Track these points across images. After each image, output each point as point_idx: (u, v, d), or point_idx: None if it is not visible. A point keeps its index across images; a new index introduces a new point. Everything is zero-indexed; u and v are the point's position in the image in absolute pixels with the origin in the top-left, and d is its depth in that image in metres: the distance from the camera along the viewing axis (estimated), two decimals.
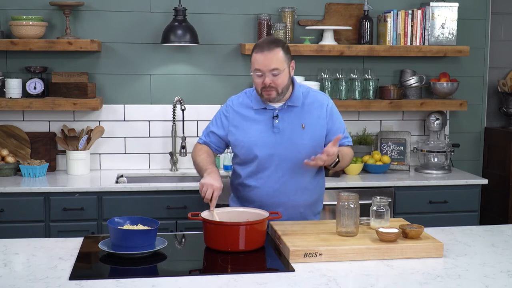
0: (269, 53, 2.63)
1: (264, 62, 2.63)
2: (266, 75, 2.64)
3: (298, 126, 2.76)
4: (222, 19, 4.21)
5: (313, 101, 2.81)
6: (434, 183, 4.00)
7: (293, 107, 2.77)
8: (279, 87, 2.67)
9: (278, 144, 2.75)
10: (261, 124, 2.77)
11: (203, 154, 2.84)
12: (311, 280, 2.13)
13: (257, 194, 2.79)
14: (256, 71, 2.66)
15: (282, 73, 2.66)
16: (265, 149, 2.75)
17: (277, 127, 2.75)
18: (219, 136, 2.86)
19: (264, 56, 2.63)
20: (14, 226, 3.59)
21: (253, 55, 2.67)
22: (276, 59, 2.63)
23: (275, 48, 2.64)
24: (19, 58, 4.04)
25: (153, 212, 3.64)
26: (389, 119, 4.49)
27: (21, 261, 2.33)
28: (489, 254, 2.44)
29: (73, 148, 3.99)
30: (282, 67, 2.65)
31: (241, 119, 2.80)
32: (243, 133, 2.78)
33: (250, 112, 2.80)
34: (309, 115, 2.78)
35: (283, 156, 2.75)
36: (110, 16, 4.11)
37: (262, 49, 2.64)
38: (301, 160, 2.70)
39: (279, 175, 2.76)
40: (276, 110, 2.76)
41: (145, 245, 2.34)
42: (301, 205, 2.82)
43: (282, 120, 2.76)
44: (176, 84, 4.22)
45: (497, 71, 4.69)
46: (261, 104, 2.78)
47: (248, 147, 2.77)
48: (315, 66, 4.30)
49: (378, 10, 4.33)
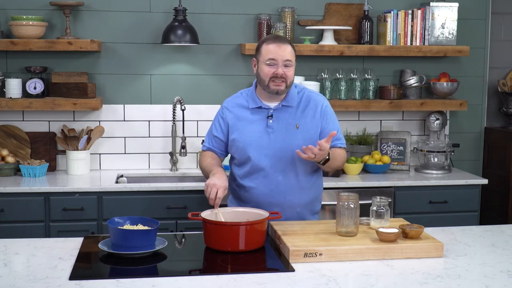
0: (283, 44, 2.71)
1: (279, 52, 2.68)
2: (279, 65, 2.68)
3: (292, 126, 2.77)
4: (222, 19, 4.22)
5: (308, 101, 2.82)
6: (434, 183, 4.00)
7: (288, 107, 2.78)
8: (288, 80, 2.72)
9: (272, 144, 2.76)
10: (255, 124, 2.78)
11: (208, 159, 2.86)
12: (311, 280, 2.13)
13: (253, 195, 2.80)
14: (270, 61, 2.69)
15: (292, 66, 2.72)
16: (259, 149, 2.76)
17: (271, 127, 2.76)
18: (220, 140, 2.87)
19: (279, 46, 2.69)
20: (14, 226, 3.59)
21: (264, 46, 2.72)
22: (290, 51, 2.71)
23: (287, 42, 2.74)
24: (19, 58, 4.04)
25: (153, 212, 3.64)
26: (389, 119, 4.49)
27: (21, 261, 2.33)
28: (489, 254, 2.44)
29: (73, 148, 3.99)
30: (293, 60, 2.72)
31: (237, 119, 2.81)
32: (238, 133, 2.80)
33: (245, 113, 2.81)
34: (303, 115, 2.79)
35: (277, 156, 2.76)
36: (110, 16, 4.11)
37: (275, 41, 2.72)
38: (295, 160, 2.73)
39: (274, 175, 2.77)
40: (271, 110, 2.77)
41: (145, 245, 2.34)
42: (297, 205, 2.82)
43: (276, 120, 2.77)
44: (176, 84, 4.22)
45: (497, 71, 4.69)
46: (257, 102, 2.79)
47: (242, 148, 2.78)
48: (315, 66, 4.30)
49: (378, 10, 4.33)
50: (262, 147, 2.76)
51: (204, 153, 2.93)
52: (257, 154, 2.76)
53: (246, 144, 2.77)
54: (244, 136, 2.78)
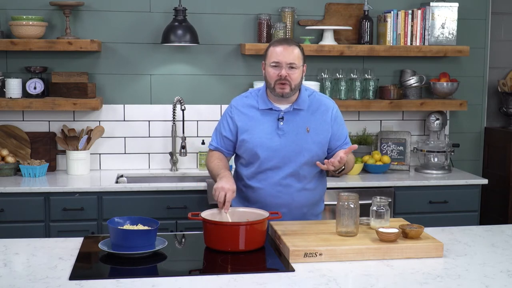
0: (289, 47, 2.70)
1: (283, 54, 2.69)
2: (283, 67, 2.69)
3: (303, 129, 2.77)
4: (222, 19, 4.21)
5: (319, 105, 2.83)
6: (434, 183, 4.00)
7: (299, 110, 2.79)
8: (293, 82, 2.71)
9: (282, 146, 2.76)
10: (266, 125, 2.78)
11: (215, 160, 2.85)
12: (311, 280, 2.13)
13: (261, 195, 2.80)
14: (274, 63, 2.70)
15: (298, 69, 2.72)
16: (269, 151, 2.76)
17: (282, 129, 2.76)
18: (229, 139, 2.86)
19: (284, 48, 2.69)
20: (14, 226, 3.59)
21: (270, 49, 2.73)
22: (294, 54, 2.70)
23: (294, 45, 2.72)
24: (19, 58, 4.04)
25: (153, 212, 3.64)
26: (389, 119, 4.49)
27: (21, 261, 2.33)
28: (489, 254, 2.44)
29: (73, 148, 3.99)
30: (299, 63, 2.71)
31: (247, 119, 2.81)
32: (248, 133, 2.79)
33: (255, 113, 2.81)
34: (314, 118, 2.80)
35: (286, 158, 2.76)
36: (110, 16, 4.11)
37: (281, 43, 2.72)
38: (304, 163, 2.76)
39: (282, 176, 2.77)
40: (282, 112, 2.77)
41: (145, 245, 2.34)
42: (304, 205, 2.84)
43: (287, 123, 2.77)
44: (176, 84, 4.22)
45: (497, 71, 4.69)
46: (267, 104, 2.79)
47: (252, 148, 2.78)
48: (315, 66, 4.30)
49: (378, 10, 4.33)
50: (272, 149, 2.76)
51: (211, 153, 2.92)
52: (267, 155, 2.76)
53: (256, 145, 2.77)
54: (254, 137, 2.77)
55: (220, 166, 2.79)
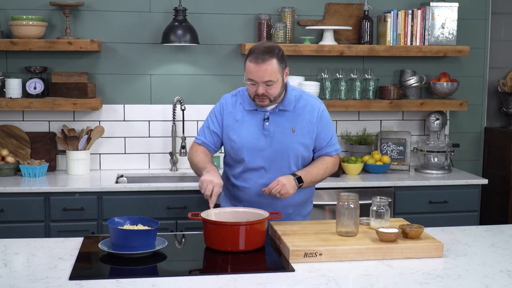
0: (264, 64, 2.61)
1: (258, 74, 2.63)
2: (259, 85, 2.65)
3: (288, 130, 2.78)
4: (222, 19, 4.21)
5: (305, 105, 2.82)
6: (434, 183, 4.00)
7: (284, 111, 2.79)
8: (272, 96, 2.69)
9: (267, 146, 2.77)
10: (251, 125, 2.78)
11: (200, 154, 2.84)
12: (311, 280, 2.13)
13: (247, 194, 2.82)
14: (250, 81, 2.67)
15: (276, 83, 2.67)
16: (254, 151, 2.77)
17: (267, 130, 2.77)
18: (218, 135, 2.86)
19: (259, 67, 2.62)
20: (14, 226, 3.59)
21: (247, 63, 2.66)
22: (270, 70, 2.63)
23: (269, 59, 2.62)
24: (19, 58, 4.04)
25: (153, 212, 3.64)
26: (389, 119, 4.49)
27: (21, 261, 2.33)
28: (489, 254, 2.44)
29: (73, 148, 3.99)
30: (276, 78, 2.65)
31: (233, 118, 2.81)
32: (234, 133, 2.80)
33: (242, 113, 2.81)
34: (300, 119, 2.80)
35: (272, 158, 2.77)
36: (110, 16, 4.11)
37: (256, 60, 2.62)
38: (289, 163, 2.77)
39: (268, 176, 2.77)
40: (267, 113, 2.78)
41: (145, 245, 2.34)
42: (290, 206, 2.83)
43: (272, 123, 2.77)
44: (176, 84, 4.22)
45: (497, 71, 4.69)
46: (253, 105, 2.79)
47: (237, 148, 2.78)
48: (315, 66, 4.30)
49: (378, 10, 4.33)
50: (258, 149, 2.77)
51: (196, 147, 2.89)
52: (253, 155, 2.77)
53: (242, 144, 2.77)
54: (240, 137, 2.78)
55: (206, 160, 2.79)
